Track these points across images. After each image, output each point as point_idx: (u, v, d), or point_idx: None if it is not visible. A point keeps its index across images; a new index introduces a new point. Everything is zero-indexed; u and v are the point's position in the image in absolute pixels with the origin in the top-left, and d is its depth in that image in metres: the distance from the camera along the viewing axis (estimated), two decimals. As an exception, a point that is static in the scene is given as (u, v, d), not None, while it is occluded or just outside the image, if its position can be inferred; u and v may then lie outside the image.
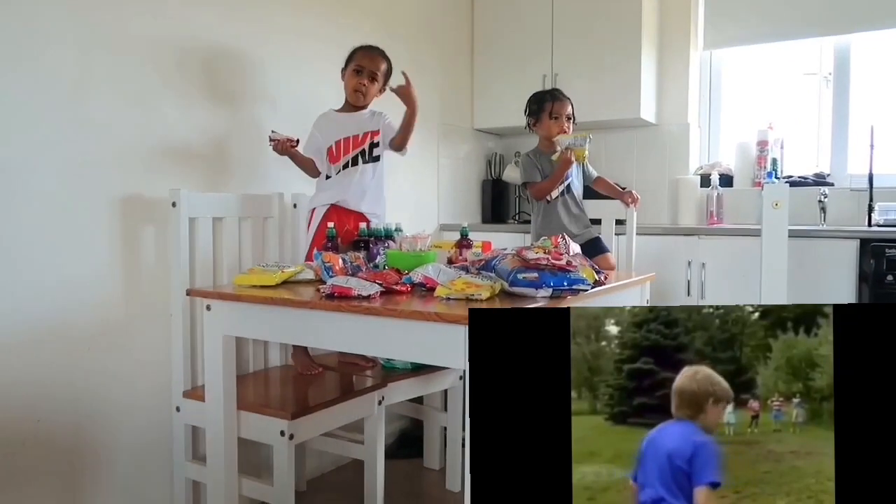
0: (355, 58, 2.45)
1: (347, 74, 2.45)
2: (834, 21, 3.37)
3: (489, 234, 3.35)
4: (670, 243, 3.09)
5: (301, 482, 2.64)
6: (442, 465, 2.85)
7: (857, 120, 3.39)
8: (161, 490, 2.25)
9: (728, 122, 3.82)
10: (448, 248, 2.29)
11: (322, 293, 1.76)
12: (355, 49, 2.47)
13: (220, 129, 2.43)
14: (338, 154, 2.43)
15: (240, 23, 2.49)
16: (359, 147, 2.43)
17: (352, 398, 2.20)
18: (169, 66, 2.25)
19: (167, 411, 2.24)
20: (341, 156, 2.43)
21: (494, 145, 4.18)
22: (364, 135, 2.45)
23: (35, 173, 1.90)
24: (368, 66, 2.43)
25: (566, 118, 2.87)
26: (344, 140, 2.43)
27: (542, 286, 1.69)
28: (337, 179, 2.44)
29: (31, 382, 1.91)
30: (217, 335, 1.96)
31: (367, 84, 2.43)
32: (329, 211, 2.42)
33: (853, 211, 3.24)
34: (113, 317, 2.10)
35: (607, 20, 3.51)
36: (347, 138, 2.44)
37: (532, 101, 2.95)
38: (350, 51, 2.48)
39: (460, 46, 3.87)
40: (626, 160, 3.83)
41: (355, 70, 2.43)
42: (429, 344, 1.59)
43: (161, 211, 2.20)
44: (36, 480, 1.93)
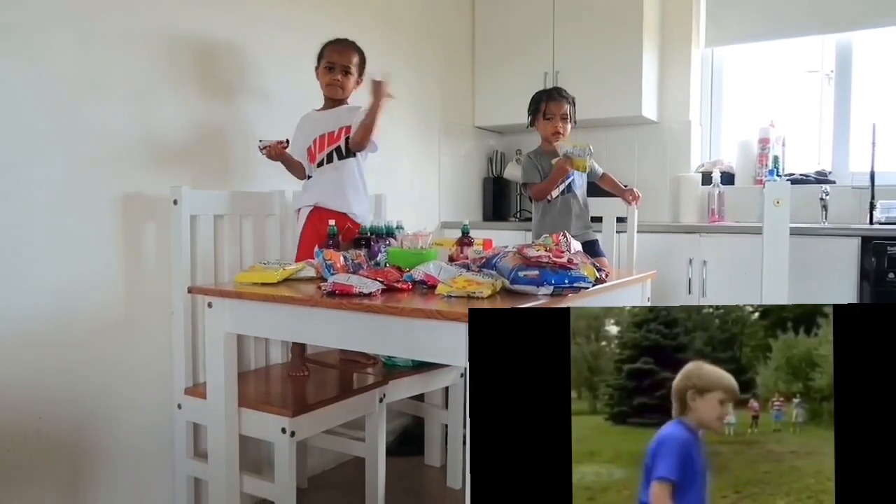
0: (325, 54, 2.40)
1: (320, 72, 2.40)
2: (836, 18, 3.36)
3: (490, 231, 3.34)
4: (671, 241, 3.08)
5: (302, 479, 2.65)
6: (443, 463, 2.85)
7: (859, 117, 3.38)
8: (162, 487, 2.26)
9: (730, 119, 3.82)
10: (449, 245, 2.29)
11: (323, 291, 1.76)
12: (325, 44, 2.42)
13: (222, 126, 2.43)
14: (314, 152, 2.40)
15: (242, 20, 2.49)
16: (333, 144, 2.38)
17: (353, 396, 2.20)
18: (170, 63, 2.25)
19: (169, 408, 2.24)
20: (317, 154, 2.39)
21: (496, 143, 4.18)
22: (339, 131, 2.39)
23: (36, 172, 1.90)
24: (340, 61, 2.38)
25: (561, 118, 2.85)
26: (320, 138, 2.39)
27: (543, 284, 1.68)
28: (315, 179, 2.40)
29: (33, 380, 1.92)
30: (218, 332, 1.96)
31: (340, 79, 2.38)
32: (312, 212, 2.38)
33: (855, 209, 3.24)
34: (114, 314, 2.11)
35: (609, 17, 3.51)
36: (323, 136, 2.39)
37: (532, 100, 2.96)
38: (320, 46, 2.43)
39: (461, 43, 3.86)
40: (628, 158, 3.83)
41: (327, 67, 2.38)
42: (430, 341, 1.59)
43: (162, 208, 2.20)
44: (38, 477, 1.94)
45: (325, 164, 2.38)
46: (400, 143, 3.37)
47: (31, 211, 1.89)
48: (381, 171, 3.17)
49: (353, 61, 2.41)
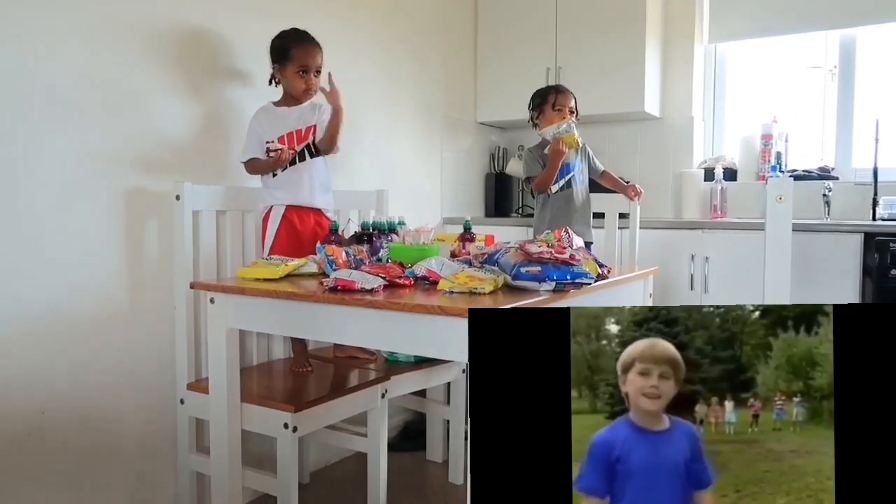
0: (295, 57, 2.29)
1: (290, 75, 2.31)
2: (839, 14, 3.35)
3: (492, 227, 3.34)
4: (674, 237, 3.08)
5: (304, 474, 2.66)
6: (445, 458, 2.86)
7: (862, 114, 3.37)
8: (165, 482, 2.26)
9: (732, 115, 3.81)
10: (451, 241, 2.29)
11: (325, 286, 1.77)
12: (288, 43, 2.30)
13: (223, 122, 2.43)
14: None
15: (244, 17, 2.49)
16: (304, 142, 2.33)
17: (355, 391, 2.21)
18: (172, 59, 2.25)
19: (171, 403, 2.25)
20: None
21: (498, 139, 4.17)
22: (307, 129, 2.34)
23: (38, 167, 1.90)
24: (312, 64, 2.31)
25: (569, 111, 2.87)
26: (288, 135, 2.32)
27: (545, 280, 1.69)
28: (286, 177, 2.32)
29: (36, 375, 1.93)
30: (221, 328, 1.97)
31: (314, 81, 2.33)
32: (287, 211, 2.32)
33: (857, 205, 3.23)
34: (117, 310, 2.11)
35: (612, 13, 3.50)
36: (291, 133, 2.33)
37: (535, 95, 2.97)
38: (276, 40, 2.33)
39: (464, 39, 3.86)
40: (630, 154, 3.82)
41: (301, 72, 2.30)
42: (432, 337, 1.59)
43: (164, 204, 2.20)
44: (41, 471, 1.94)
45: (298, 161, 2.33)
46: (402, 139, 3.37)
47: (34, 207, 1.90)
48: (383, 166, 3.18)
49: (320, 61, 2.34)
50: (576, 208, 2.88)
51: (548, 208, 2.90)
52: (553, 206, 2.88)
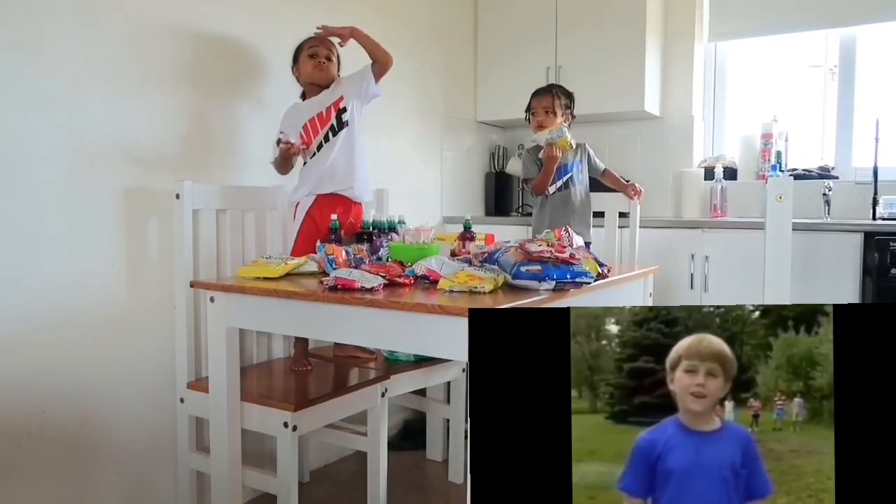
0: (305, 47, 2.40)
1: (302, 62, 2.39)
2: (839, 13, 3.35)
3: (492, 226, 3.34)
4: (674, 236, 3.08)
5: (304, 473, 2.66)
6: (444, 457, 2.86)
7: (862, 113, 3.38)
8: (165, 480, 2.27)
9: (732, 114, 3.81)
10: (451, 240, 2.29)
11: (325, 285, 1.77)
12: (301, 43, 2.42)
13: (224, 121, 2.43)
14: (308, 138, 2.35)
15: (244, 16, 2.49)
16: (326, 124, 2.34)
17: (355, 390, 2.21)
18: (172, 57, 2.25)
19: (171, 402, 2.25)
20: (312, 138, 2.35)
21: (498, 138, 4.17)
22: (328, 109, 2.35)
23: (38, 167, 1.90)
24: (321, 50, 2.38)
25: (543, 111, 2.86)
26: (310, 122, 2.35)
27: (545, 279, 1.69)
28: (311, 167, 2.36)
29: (36, 374, 1.93)
30: (220, 327, 1.97)
31: (325, 62, 2.38)
32: (312, 204, 2.35)
33: (857, 204, 3.23)
34: (117, 309, 2.11)
35: (612, 12, 3.50)
36: (313, 119, 2.35)
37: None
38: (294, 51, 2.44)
39: (464, 38, 3.85)
40: (630, 153, 3.82)
41: (310, 55, 2.38)
42: (432, 336, 1.59)
43: (164, 203, 2.20)
44: (41, 470, 1.94)
45: (324, 144, 2.35)
46: (402, 138, 3.37)
47: (34, 206, 1.90)
48: (383, 165, 3.17)
49: (333, 51, 2.42)
50: (574, 209, 2.88)
51: (546, 209, 2.90)
52: (551, 207, 2.88)
